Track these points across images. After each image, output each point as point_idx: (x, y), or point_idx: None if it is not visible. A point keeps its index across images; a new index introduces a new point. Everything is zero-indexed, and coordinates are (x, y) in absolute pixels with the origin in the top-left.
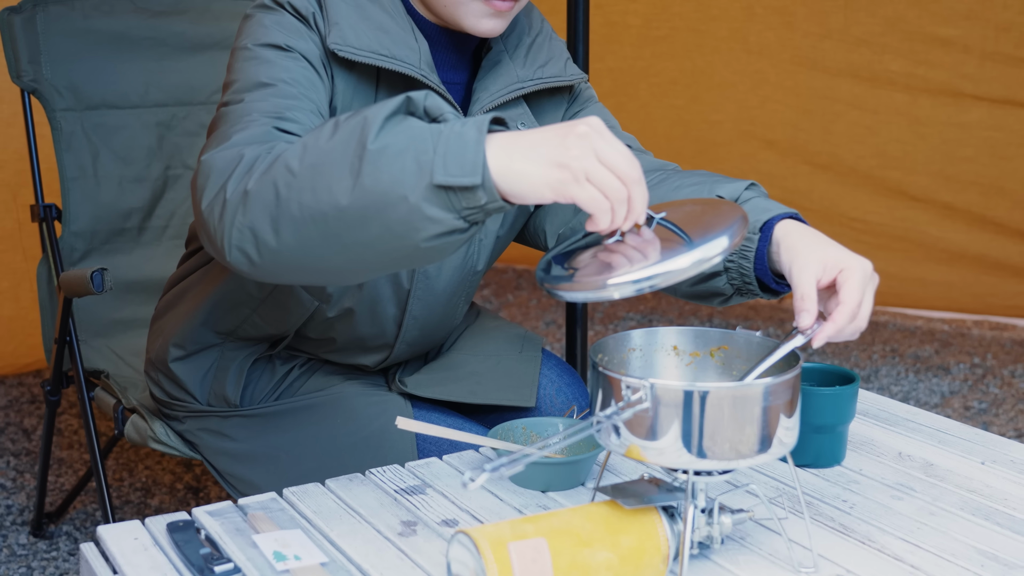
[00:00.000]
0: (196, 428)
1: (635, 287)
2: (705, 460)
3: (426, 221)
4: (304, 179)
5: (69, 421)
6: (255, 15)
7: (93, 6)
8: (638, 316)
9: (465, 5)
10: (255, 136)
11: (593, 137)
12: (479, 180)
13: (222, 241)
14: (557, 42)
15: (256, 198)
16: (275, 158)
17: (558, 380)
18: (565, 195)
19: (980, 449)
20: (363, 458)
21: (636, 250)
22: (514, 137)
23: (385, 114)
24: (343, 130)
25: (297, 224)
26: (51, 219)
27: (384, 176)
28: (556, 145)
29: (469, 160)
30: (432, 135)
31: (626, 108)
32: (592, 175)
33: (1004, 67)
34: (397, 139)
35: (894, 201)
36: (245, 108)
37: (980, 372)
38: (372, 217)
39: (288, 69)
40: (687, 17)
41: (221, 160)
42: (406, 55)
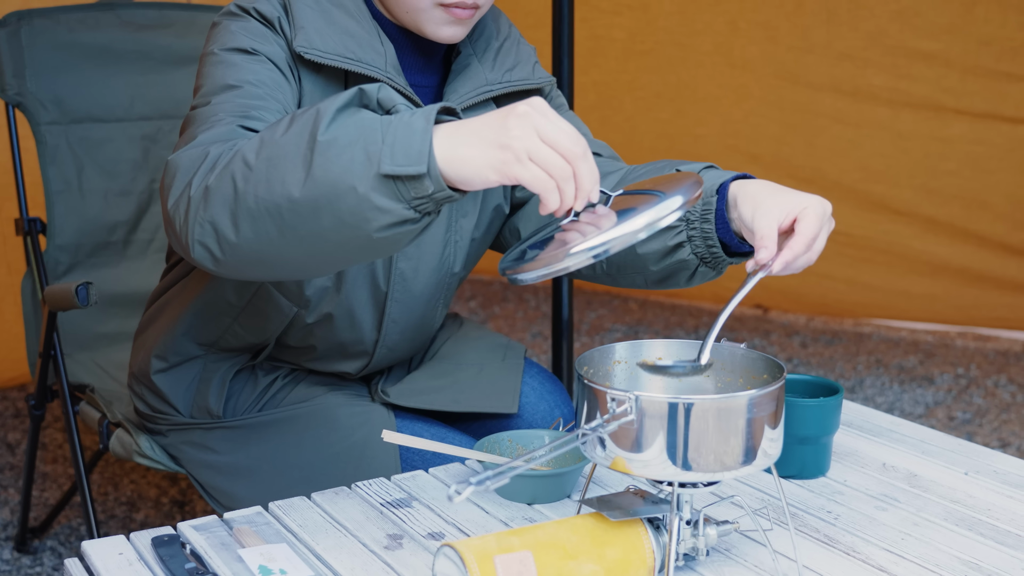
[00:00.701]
0: (179, 441)
1: (590, 254)
2: (690, 472)
3: (376, 211)
4: (260, 172)
5: (53, 435)
6: (221, 22)
7: (78, 20)
8: (624, 328)
9: (426, 12)
10: (220, 134)
11: (533, 116)
12: (424, 169)
13: (186, 237)
14: (525, 46)
15: (216, 193)
16: (234, 153)
17: (540, 388)
18: (509, 176)
19: (963, 460)
20: (346, 468)
21: (590, 224)
22: (459, 124)
23: (337, 106)
24: (297, 123)
25: (254, 217)
26: (36, 233)
27: (334, 167)
28: (498, 127)
29: (415, 149)
30: (382, 126)
31: (611, 121)
32: (534, 154)
33: (986, 81)
34: (347, 131)
35: (877, 215)
36: (211, 109)
37: (964, 383)
38: (323, 208)
39: (254, 71)
40: (671, 31)
41: (186, 159)
42: (372, 58)
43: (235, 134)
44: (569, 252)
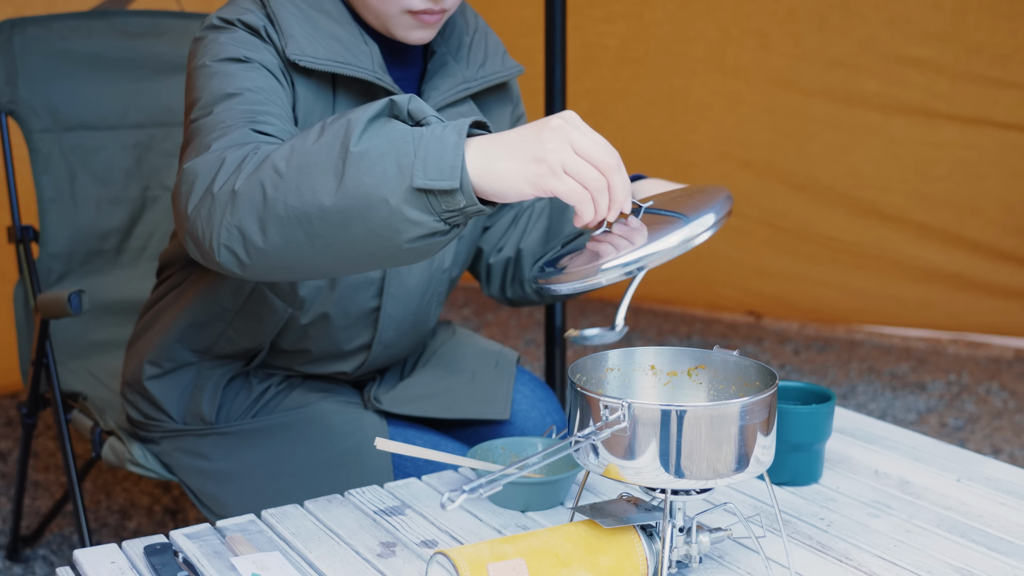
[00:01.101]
0: (172, 449)
1: (623, 270)
2: (683, 479)
3: (407, 223)
4: (290, 180)
5: (45, 443)
6: (207, 35)
7: (71, 28)
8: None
9: (394, 18)
10: (235, 139)
11: (567, 129)
12: (457, 184)
13: (210, 242)
14: (492, 37)
15: (244, 198)
16: (263, 159)
17: (532, 395)
18: (544, 188)
19: (956, 466)
20: (339, 475)
21: (623, 237)
22: (492, 138)
23: (368, 116)
24: (328, 132)
25: (283, 224)
26: (28, 241)
27: (366, 178)
28: (532, 141)
29: (448, 164)
30: (413, 138)
31: (604, 129)
32: (569, 167)
33: (977, 87)
34: (379, 142)
35: (869, 220)
36: (217, 118)
37: (956, 389)
38: (354, 218)
39: (251, 79)
40: (664, 39)
41: (204, 165)
42: (360, 60)
43: (250, 138)
44: (601, 267)
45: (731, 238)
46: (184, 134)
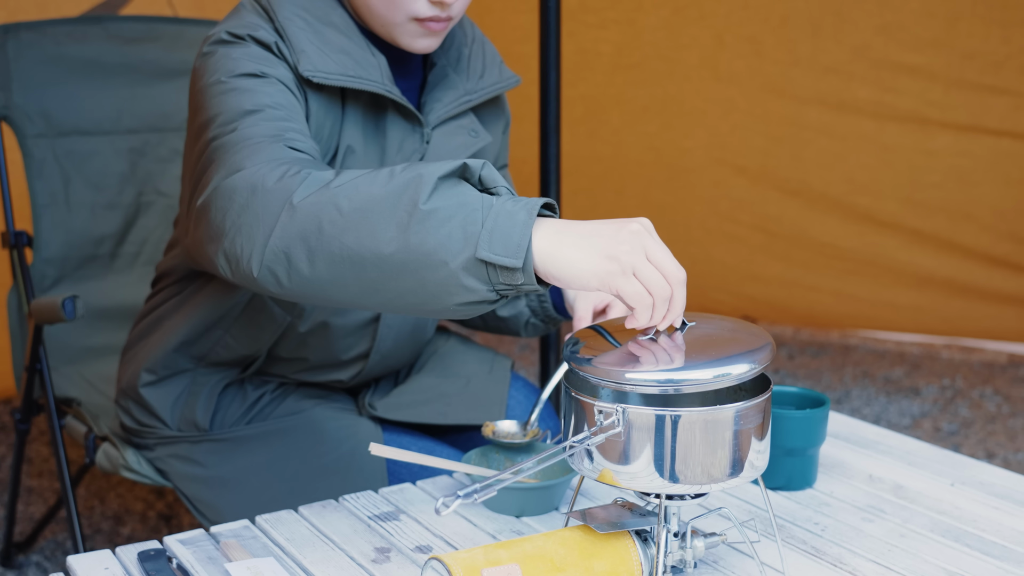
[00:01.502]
0: (166, 455)
1: (648, 388)
2: (677, 484)
3: (461, 288)
4: (351, 221)
5: (39, 449)
6: (217, 51)
7: (65, 33)
8: None
9: (400, 26)
10: (269, 156)
11: (644, 235)
12: (520, 263)
13: (250, 260)
14: (489, 47)
15: (296, 225)
16: (322, 185)
17: (526, 401)
18: (611, 287)
19: (949, 471)
20: (333, 481)
21: (665, 351)
22: (567, 224)
23: (440, 175)
24: (397, 181)
25: (335, 260)
26: (22, 246)
27: (430, 238)
28: (609, 237)
29: (515, 242)
30: (483, 207)
31: (598, 134)
32: (640, 271)
33: (970, 94)
34: (448, 203)
35: (863, 227)
36: (241, 135)
37: (950, 394)
38: (411, 272)
39: (270, 94)
40: (658, 45)
41: (243, 181)
42: (369, 72)
43: (284, 154)
44: (627, 377)
45: (725, 243)
46: (196, 151)
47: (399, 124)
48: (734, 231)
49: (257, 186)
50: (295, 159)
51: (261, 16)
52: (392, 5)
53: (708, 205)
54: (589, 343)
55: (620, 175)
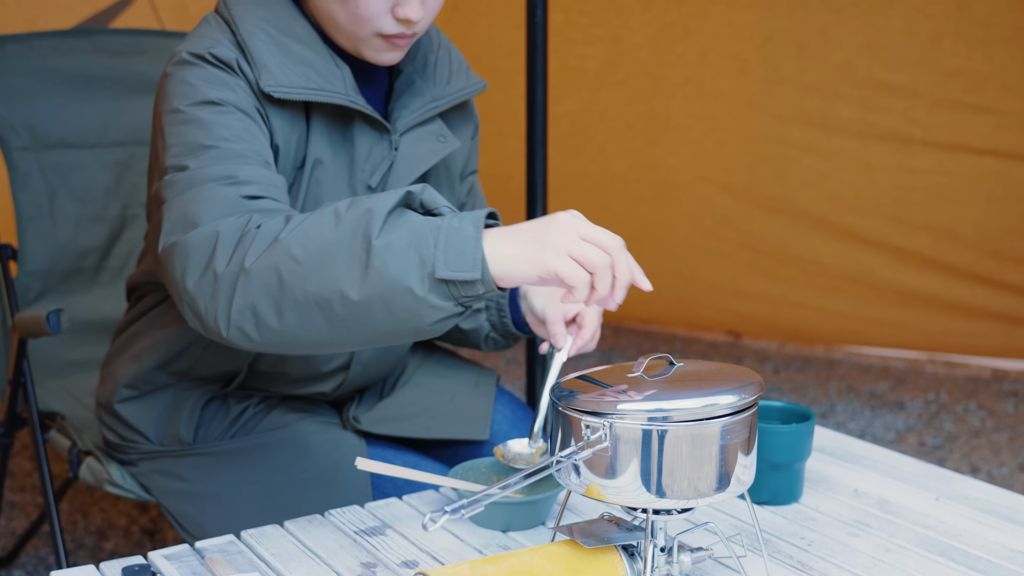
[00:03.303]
0: (149, 470)
1: (651, 415)
2: (664, 499)
3: (429, 309)
4: (309, 267)
5: (21, 464)
6: (176, 73)
7: (51, 46)
8: (598, 354)
9: (366, 41)
10: (222, 210)
11: (573, 221)
12: (479, 275)
13: (216, 319)
14: (455, 53)
15: (256, 280)
16: (271, 239)
17: (512, 415)
18: (548, 271)
19: (934, 485)
20: (317, 495)
21: (654, 387)
22: (507, 229)
23: (387, 208)
24: (346, 222)
25: (302, 308)
26: (6, 259)
27: (391, 269)
28: (541, 229)
29: (469, 256)
30: (432, 230)
31: (584, 150)
32: (573, 251)
33: (953, 113)
34: (400, 234)
35: (847, 244)
36: (194, 176)
37: (934, 408)
38: (378, 305)
39: (226, 125)
40: (643, 62)
41: (197, 240)
42: (333, 84)
43: (238, 207)
44: (623, 408)
45: (710, 260)
46: (155, 175)
47: (367, 133)
48: (719, 247)
49: (209, 245)
50: (247, 210)
51: (223, 30)
52: (357, 21)
53: (693, 222)
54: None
55: (606, 191)
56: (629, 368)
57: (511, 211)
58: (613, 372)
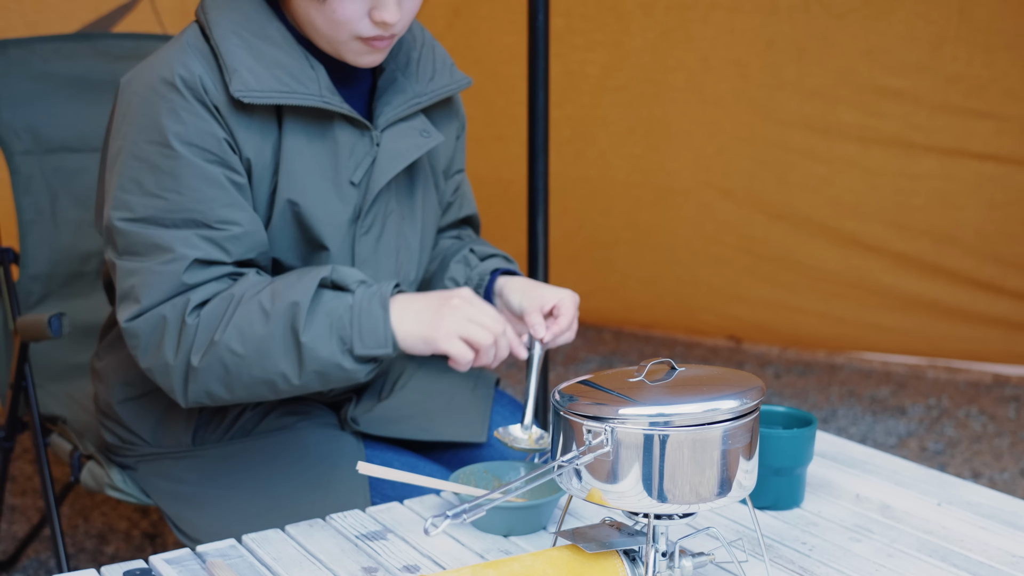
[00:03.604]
0: (147, 472)
1: (652, 419)
2: (665, 503)
3: (357, 373)
4: (251, 359)
5: (22, 467)
6: (146, 97)
7: (54, 50)
8: (598, 359)
9: (345, 44)
10: (161, 292)
11: (464, 307)
12: (391, 350)
13: (174, 393)
14: (439, 50)
15: (205, 373)
16: (209, 340)
17: (511, 417)
18: (438, 350)
19: (936, 490)
20: (315, 497)
21: (656, 392)
22: (405, 304)
23: (307, 303)
24: (274, 318)
25: (250, 387)
26: (8, 262)
27: (320, 355)
28: (435, 311)
29: (380, 335)
30: (346, 311)
31: (585, 155)
32: (462, 332)
33: (954, 118)
34: (321, 325)
35: (848, 250)
36: (140, 238)
37: (936, 413)
38: (317, 380)
39: (176, 176)
40: (644, 67)
41: (145, 328)
42: (307, 86)
43: (175, 286)
44: (625, 413)
45: (711, 265)
46: (107, 211)
47: (347, 130)
48: (720, 253)
49: (157, 333)
50: (184, 288)
51: (197, 38)
52: (335, 25)
53: (694, 227)
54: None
55: (607, 196)
56: (631, 373)
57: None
58: (615, 377)
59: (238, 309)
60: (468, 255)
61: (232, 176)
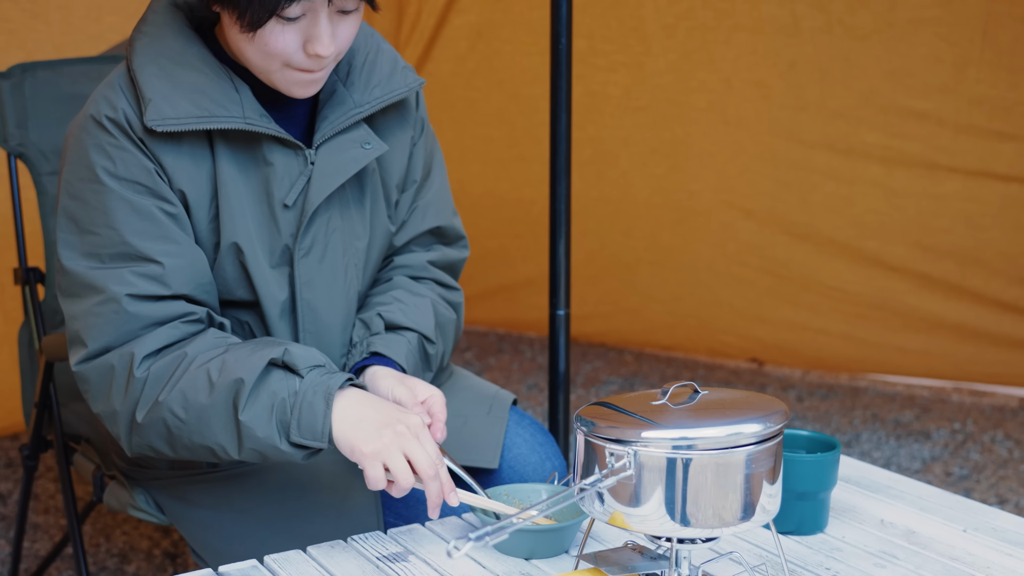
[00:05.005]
0: (165, 495)
1: (675, 443)
2: (688, 527)
3: (293, 455)
4: (191, 425)
5: (45, 486)
6: (74, 134)
7: (81, 72)
8: (620, 380)
9: (277, 74)
10: (108, 333)
11: (405, 438)
12: (325, 445)
13: (120, 440)
14: (387, 55)
15: (148, 429)
16: (154, 400)
17: (532, 440)
18: (359, 462)
19: (962, 516)
20: (328, 517)
21: (678, 415)
22: (352, 405)
23: (252, 382)
24: (218, 390)
25: (191, 449)
26: (34, 282)
27: (258, 435)
28: (376, 424)
29: (318, 430)
30: (290, 396)
31: (607, 176)
32: (389, 461)
33: (978, 139)
34: (263, 403)
35: (872, 271)
36: (76, 279)
37: (961, 438)
38: (255, 456)
39: (106, 211)
40: (666, 88)
41: (94, 373)
42: (228, 109)
43: (120, 325)
44: (647, 436)
45: (733, 286)
46: (56, 250)
47: (278, 151)
48: (742, 274)
49: (105, 382)
50: (128, 334)
51: (123, 73)
52: (267, 57)
53: (716, 247)
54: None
55: (628, 217)
56: (653, 396)
57: (534, 236)
58: (637, 399)
59: (186, 373)
60: (374, 318)
61: (165, 207)
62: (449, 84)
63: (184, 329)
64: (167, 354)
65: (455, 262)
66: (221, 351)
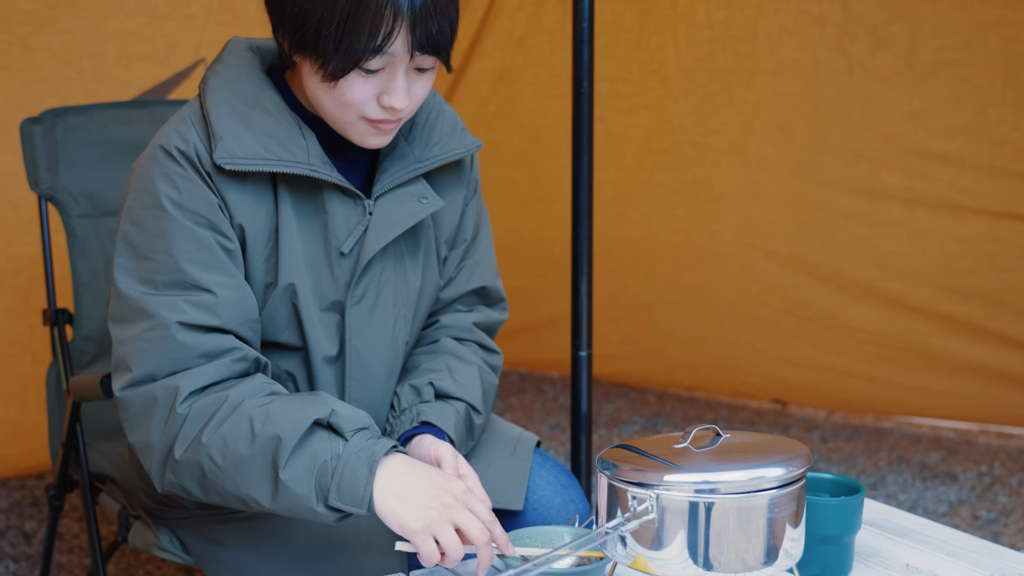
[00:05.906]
0: (190, 535)
1: (698, 486)
2: (711, 572)
3: (327, 517)
4: (227, 474)
5: (70, 525)
6: (142, 164)
7: (112, 116)
8: (642, 421)
9: (351, 125)
10: (154, 360)
11: (455, 507)
12: (364, 511)
13: (152, 474)
14: (448, 114)
15: (183, 469)
16: (195, 436)
17: (555, 482)
18: (409, 538)
19: (989, 562)
20: (352, 559)
21: (701, 459)
22: (397, 472)
23: (295, 440)
24: (259, 443)
25: (223, 496)
26: (62, 323)
27: (297, 493)
28: (427, 499)
29: (359, 496)
30: (333, 459)
31: (628, 217)
32: (440, 533)
33: (1001, 181)
34: (303, 463)
35: (895, 312)
36: (128, 303)
37: (988, 480)
38: (288, 511)
39: (166, 237)
40: (688, 130)
41: (137, 403)
42: (294, 154)
43: (164, 360)
44: (673, 480)
45: (756, 327)
46: (112, 272)
47: (338, 199)
48: (764, 314)
49: (146, 412)
50: (188, 367)
51: (195, 108)
52: (342, 107)
53: (738, 288)
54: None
55: (650, 257)
56: (676, 439)
57: (557, 276)
58: (659, 442)
59: (230, 418)
60: (425, 386)
61: (223, 241)
62: (471, 127)
63: (232, 368)
64: (210, 393)
65: (495, 323)
66: (267, 401)
